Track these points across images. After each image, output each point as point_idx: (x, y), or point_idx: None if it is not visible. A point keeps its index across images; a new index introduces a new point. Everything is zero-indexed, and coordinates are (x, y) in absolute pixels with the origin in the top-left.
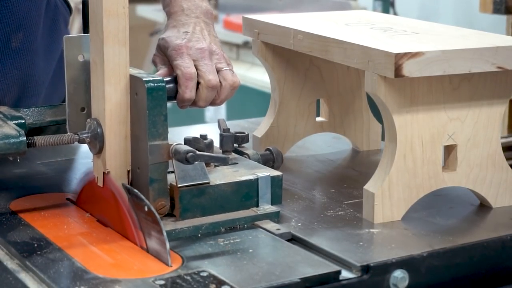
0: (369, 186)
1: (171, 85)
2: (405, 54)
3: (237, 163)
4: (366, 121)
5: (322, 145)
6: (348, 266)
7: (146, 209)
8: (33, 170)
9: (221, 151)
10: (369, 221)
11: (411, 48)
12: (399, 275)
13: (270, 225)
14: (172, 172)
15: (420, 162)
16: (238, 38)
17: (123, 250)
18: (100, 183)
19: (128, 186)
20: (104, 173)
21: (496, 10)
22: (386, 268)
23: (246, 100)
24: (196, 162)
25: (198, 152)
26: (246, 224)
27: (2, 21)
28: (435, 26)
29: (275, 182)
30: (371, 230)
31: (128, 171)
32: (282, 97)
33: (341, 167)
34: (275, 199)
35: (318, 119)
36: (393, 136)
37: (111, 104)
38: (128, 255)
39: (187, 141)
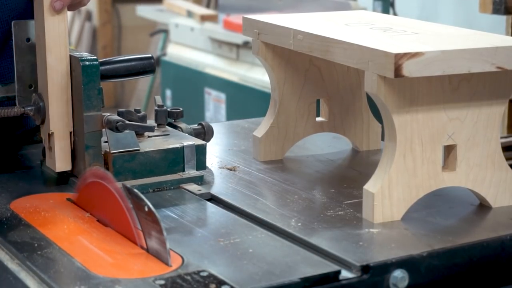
0: (369, 186)
1: None
2: (405, 54)
3: (168, 135)
4: (366, 121)
5: (322, 145)
6: (348, 266)
7: (146, 209)
8: (33, 170)
9: (156, 124)
10: (369, 221)
11: (411, 48)
12: (399, 275)
13: (193, 187)
14: (107, 142)
15: (419, 162)
16: (238, 38)
17: (123, 250)
18: (46, 145)
19: (128, 186)
20: (49, 134)
21: (496, 11)
22: (386, 268)
23: (246, 100)
24: (128, 131)
25: (127, 122)
26: (172, 186)
27: (2, 19)
28: (435, 26)
29: (200, 150)
30: (371, 230)
31: (70, 133)
32: (282, 97)
33: (341, 167)
34: (200, 165)
35: (318, 119)
36: (393, 136)
37: (52, 71)
38: (128, 255)
39: (120, 113)
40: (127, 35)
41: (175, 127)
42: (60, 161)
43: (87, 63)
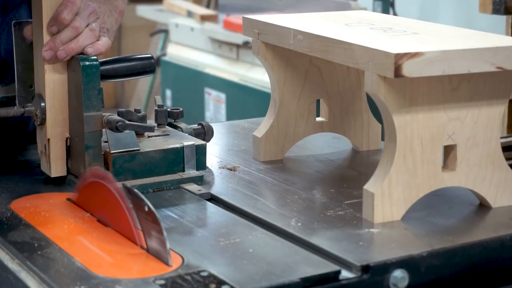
0: (369, 186)
1: None
2: (405, 54)
3: (168, 135)
4: (366, 121)
5: (322, 145)
6: (348, 266)
7: (146, 209)
8: (33, 170)
9: (156, 124)
10: (369, 221)
11: (411, 48)
12: (399, 275)
13: (193, 187)
14: (107, 142)
15: (419, 162)
16: (238, 38)
17: (123, 250)
18: (42, 149)
19: (128, 186)
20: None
21: (496, 11)
22: (386, 268)
23: (246, 100)
24: (128, 131)
25: (127, 122)
26: (172, 186)
27: None
28: (435, 26)
29: (200, 150)
30: (371, 230)
31: (67, 139)
32: (282, 97)
33: (341, 167)
34: (200, 165)
35: (318, 119)
36: (393, 136)
37: (50, 79)
38: (128, 255)
39: (120, 113)
40: (127, 35)
41: (175, 127)
42: (56, 167)
43: (87, 63)
